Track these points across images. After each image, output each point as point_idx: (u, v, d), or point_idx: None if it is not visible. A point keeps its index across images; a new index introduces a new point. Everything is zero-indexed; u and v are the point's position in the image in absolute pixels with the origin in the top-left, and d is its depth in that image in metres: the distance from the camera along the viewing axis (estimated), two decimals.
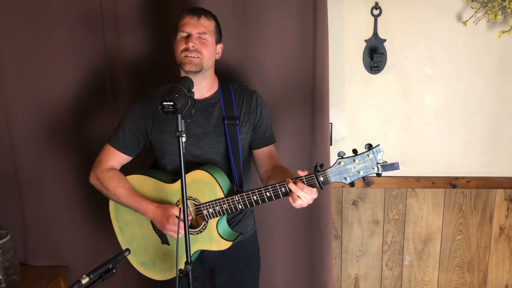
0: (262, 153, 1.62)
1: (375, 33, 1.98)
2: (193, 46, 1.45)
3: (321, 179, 1.30)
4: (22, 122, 2.04)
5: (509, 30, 1.90)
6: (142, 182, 1.57)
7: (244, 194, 1.40)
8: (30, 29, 1.94)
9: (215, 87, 1.60)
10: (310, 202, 1.33)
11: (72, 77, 1.98)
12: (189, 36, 1.47)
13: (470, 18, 1.91)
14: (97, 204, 2.09)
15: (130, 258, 1.65)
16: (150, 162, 1.74)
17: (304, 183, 1.31)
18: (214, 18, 1.54)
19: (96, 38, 1.93)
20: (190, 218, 1.50)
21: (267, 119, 1.63)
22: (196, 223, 1.53)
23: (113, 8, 1.89)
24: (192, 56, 1.46)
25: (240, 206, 1.42)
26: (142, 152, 1.66)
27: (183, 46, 1.47)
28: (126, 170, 1.62)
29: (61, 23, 1.92)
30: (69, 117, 2.03)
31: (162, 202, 1.53)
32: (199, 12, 1.50)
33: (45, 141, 2.06)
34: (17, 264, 2.02)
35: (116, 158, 1.59)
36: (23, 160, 2.08)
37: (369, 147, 1.24)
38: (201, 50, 1.47)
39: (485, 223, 2.16)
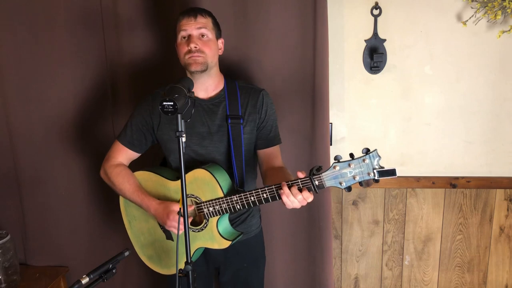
0: (264, 153, 1.62)
1: (375, 33, 1.98)
2: (195, 47, 1.45)
3: (316, 183, 1.29)
4: (22, 122, 2.04)
5: (509, 30, 1.90)
6: (148, 178, 1.60)
7: (242, 194, 1.41)
8: (30, 30, 1.95)
9: (220, 86, 1.59)
10: (304, 204, 1.32)
11: (72, 77, 1.98)
12: (189, 37, 1.47)
13: (470, 18, 1.91)
14: (97, 204, 2.09)
15: (138, 251, 1.69)
16: (160, 159, 1.76)
17: (300, 188, 1.30)
18: (210, 14, 1.53)
19: (96, 38, 1.93)
20: (190, 219, 1.50)
21: (272, 120, 1.61)
22: (199, 220, 1.54)
23: (113, 8, 1.89)
24: (196, 55, 1.46)
25: (238, 206, 1.42)
26: (154, 149, 1.68)
27: (185, 49, 1.47)
28: (138, 166, 1.64)
29: (61, 24, 1.93)
30: (69, 118, 2.03)
31: (166, 199, 1.55)
32: (195, 11, 1.49)
33: (45, 141, 2.06)
34: (17, 264, 2.03)
35: (124, 154, 1.62)
36: (23, 160, 2.08)
37: (366, 151, 1.22)
38: (203, 49, 1.47)
39: (485, 223, 2.16)
